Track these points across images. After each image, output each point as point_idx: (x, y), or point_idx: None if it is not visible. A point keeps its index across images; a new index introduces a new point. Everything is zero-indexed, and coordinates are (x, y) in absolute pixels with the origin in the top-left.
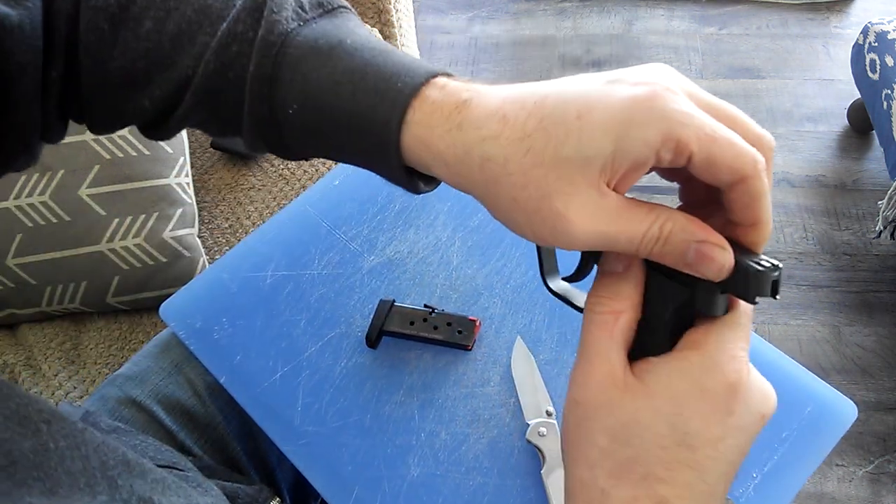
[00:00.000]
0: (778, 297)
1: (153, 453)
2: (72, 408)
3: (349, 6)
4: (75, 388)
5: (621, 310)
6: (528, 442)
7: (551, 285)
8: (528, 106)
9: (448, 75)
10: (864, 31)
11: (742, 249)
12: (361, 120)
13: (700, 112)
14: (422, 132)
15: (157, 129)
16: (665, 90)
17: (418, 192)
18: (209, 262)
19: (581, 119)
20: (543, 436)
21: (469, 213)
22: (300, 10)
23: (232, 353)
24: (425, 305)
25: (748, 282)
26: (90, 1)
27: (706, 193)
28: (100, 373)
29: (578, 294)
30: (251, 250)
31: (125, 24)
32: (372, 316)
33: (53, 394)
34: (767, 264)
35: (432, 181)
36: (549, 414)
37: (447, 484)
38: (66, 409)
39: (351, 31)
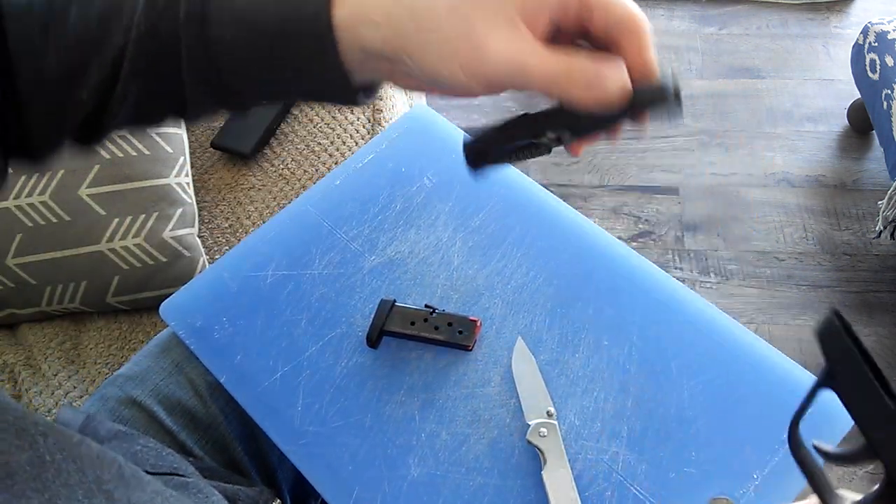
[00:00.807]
0: (680, 102)
1: (154, 460)
2: (72, 411)
3: None
4: (75, 387)
5: None
6: (529, 442)
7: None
8: None
9: None
10: (864, 31)
11: None
12: (293, 21)
13: None
14: (350, 5)
15: (96, 123)
16: None
17: (357, 102)
18: (209, 262)
19: None
20: (544, 436)
21: (470, 213)
22: None
23: (232, 353)
24: (426, 305)
25: (654, 94)
26: (13, 11)
27: None
28: (99, 372)
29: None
30: (252, 250)
31: (52, 25)
32: (372, 316)
33: (53, 393)
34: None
35: (370, 93)
36: (549, 414)
37: (447, 484)
38: (67, 412)
39: None
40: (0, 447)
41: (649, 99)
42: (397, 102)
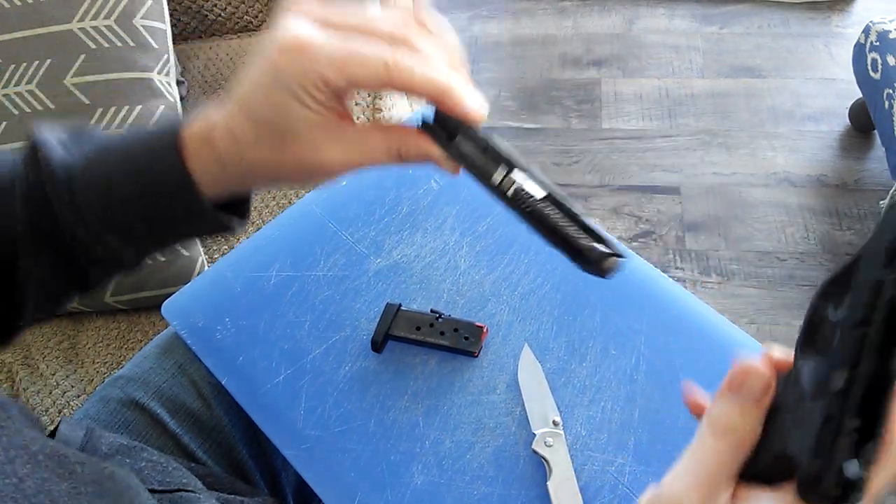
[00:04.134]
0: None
1: (161, 476)
2: (73, 425)
3: (90, 126)
4: (73, 387)
5: (746, 439)
6: (535, 452)
7: None
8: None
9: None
10: (866, 31)
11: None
12: (156, 186)
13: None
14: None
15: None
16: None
17: (232, 228)
18: (207, 262)
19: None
20: (550, 446)
21: (477, 217)
22: (65, 146)
23: (234, 354)
24: (432, 310)
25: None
26: None
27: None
28: (97, 372)
29: None
30: (256, 249)
31: None
32: (377, 320)
33: (51, 393)
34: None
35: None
36: (555, 424)
37: (451, 493)
38: (68, 427)
39: (97, 135)
40: (42, 475)
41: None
42: (397, 102)
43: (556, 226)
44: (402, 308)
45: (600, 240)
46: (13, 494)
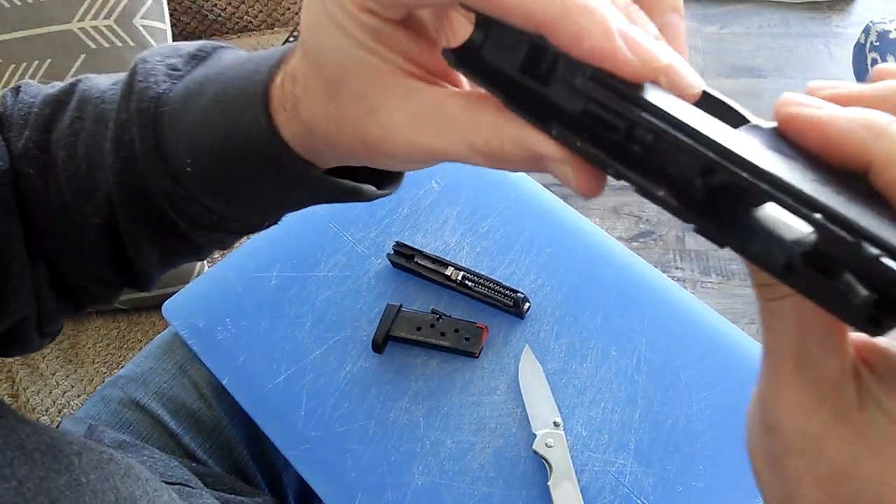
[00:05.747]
0: None
1: (163, 469)
2: (74, 422)
3: (228, 46)
4: (73, 387)
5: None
6: (535, 453)
7: None
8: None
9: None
10: (866, 31)
11: None
12: (239, 136)
13: None
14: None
15: (129, 269)
16: None
17: (362, 194)
18: (209, 262)
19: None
20: (551, 447)
21: (478, 218)
22: (172, 71)
23: (235, 355)
24: (432, 311)
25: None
26: (15, 151)
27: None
28: (97, 372)
29: None
30: (257, 250)
31: (48, 164)
32: (378, 320)
33: (51, 393)
34: None
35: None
36: (556, 424)
37: (452, 493)
38: (70, 424)
39: (219, 60)
40: (40, 473)
41: None
42: None
43: (490, 295)
44: (403, 308)
45: (514, 291)
46: (14, 499)
